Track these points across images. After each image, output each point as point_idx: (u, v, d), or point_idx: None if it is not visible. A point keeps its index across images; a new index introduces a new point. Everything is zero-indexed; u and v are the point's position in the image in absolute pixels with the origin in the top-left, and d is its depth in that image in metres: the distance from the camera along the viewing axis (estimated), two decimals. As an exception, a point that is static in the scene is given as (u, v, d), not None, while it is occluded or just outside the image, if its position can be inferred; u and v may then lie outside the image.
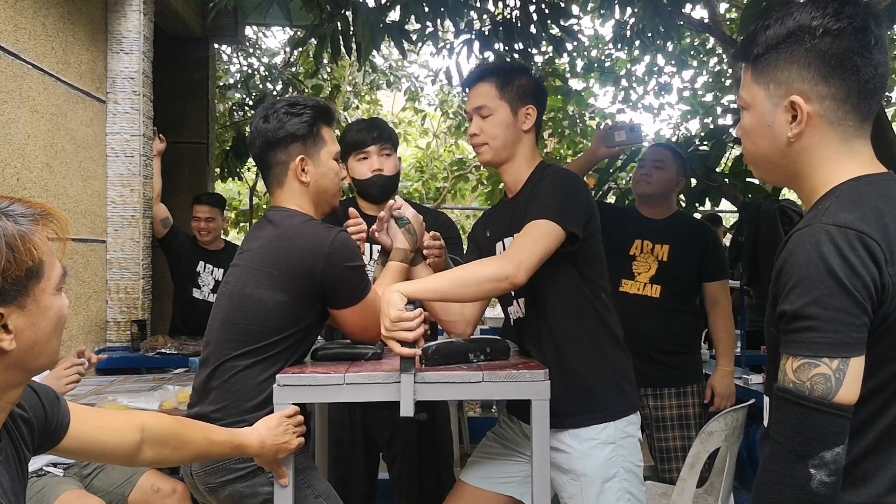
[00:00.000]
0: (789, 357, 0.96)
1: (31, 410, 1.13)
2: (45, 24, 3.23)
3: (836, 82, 1.03)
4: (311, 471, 1.76)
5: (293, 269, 1.65)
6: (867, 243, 0.93)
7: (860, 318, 0.93)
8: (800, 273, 0.95)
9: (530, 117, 1.82)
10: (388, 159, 2.29)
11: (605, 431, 1.72)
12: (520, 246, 1.64)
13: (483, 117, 1.82)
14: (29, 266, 0.97)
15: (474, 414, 5.43)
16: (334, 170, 1.82)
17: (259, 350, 1.66)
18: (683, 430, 2.69)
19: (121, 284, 3.77)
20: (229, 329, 1.70)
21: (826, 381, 0.92)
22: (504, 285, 1.61)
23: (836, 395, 0.92)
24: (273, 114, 1.76)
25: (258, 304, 1.66)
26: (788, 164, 1.09)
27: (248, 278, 1.70)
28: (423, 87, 9.21)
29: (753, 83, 1.10)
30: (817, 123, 1.04)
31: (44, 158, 3.18)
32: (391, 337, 1.51)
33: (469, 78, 1.91)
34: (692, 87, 7.34)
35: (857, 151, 1.05)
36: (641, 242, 2.74)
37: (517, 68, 1.91)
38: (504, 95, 1.81)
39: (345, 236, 1.71)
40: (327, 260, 1.65)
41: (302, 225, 1.71)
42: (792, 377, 0.95)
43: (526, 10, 3.80)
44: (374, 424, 2.33)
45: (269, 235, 1.73)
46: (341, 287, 1.69)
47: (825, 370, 0.92)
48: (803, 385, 0.94)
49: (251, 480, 1.66)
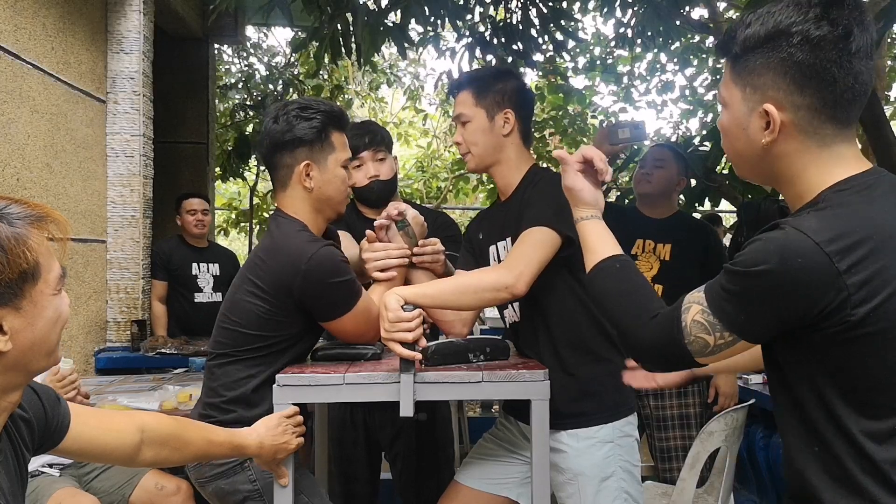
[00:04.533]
0: (701, 306, 1.04)
1: (31, 411, 1.13)
2: (45, 24, 3.23)
3: (811, 93, 0.99)
4: (299, 469, 1.77)
5: (274, 284, 1.66)
6: (816, 254, 0.92)
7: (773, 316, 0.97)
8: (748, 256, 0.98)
9: (508, 122, 1.81)
10: (383, 163, 2.28)
11: (602, 431, 1.72)
12: (519, 255, 1.64)
13: (464, 125, 1.83)
14: (23, 268, 0.96)
15: (474, 414, 5.42)
16: (341, 177, 1.80)
17: (238, 353, 1.70)
18: (684, 429, 2.69)
19: (121, 284, 3.77)
20: (220, 331, 1.75)
21: (703, 347, 1.05)
22: (503, 295, 1.61)
23: (700, 356, 1.06)
24: (283, 115, 1.74)
25: (242, 311, 1.69)
26: (766, 167, 1.07)
27: (240, 284, 1.73)
28: (423, 87, 9.22)
29: (732, 82, 1.07)
30: (791, 132, 1.02)
31: (44, 158, 3.18)
32: (390, 339, 1.52)
33: (451, 87, 1.93)
34: (691, 85, 7.33)
35: (838, 154, 1.02)
36: (643, 242, 2.74)
37: (498, 73, 1.89)
38: (480, 102, 1.81)
39: (326, 252, 1.67)
40: (305, 277, 1.64)
41: (289, 237, 1.71)
42: (689, 322, 1.05)
43: (527, 13, 3.81)
44: (377, 425, 2.34)
45: (264, 244, 1.77)
46: (323, 303, 1.68)
47: (711, 340, 1.03)
48: (690, 335, 1.05)
49: (231, 478, 1.68)
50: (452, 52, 4.15)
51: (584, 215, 1.37)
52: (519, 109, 1.83)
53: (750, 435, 2.84)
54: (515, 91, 1.84)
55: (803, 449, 1.02)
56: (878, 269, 0.92)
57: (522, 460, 1.86)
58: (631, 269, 1.24)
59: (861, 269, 0.92)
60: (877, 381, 0.96)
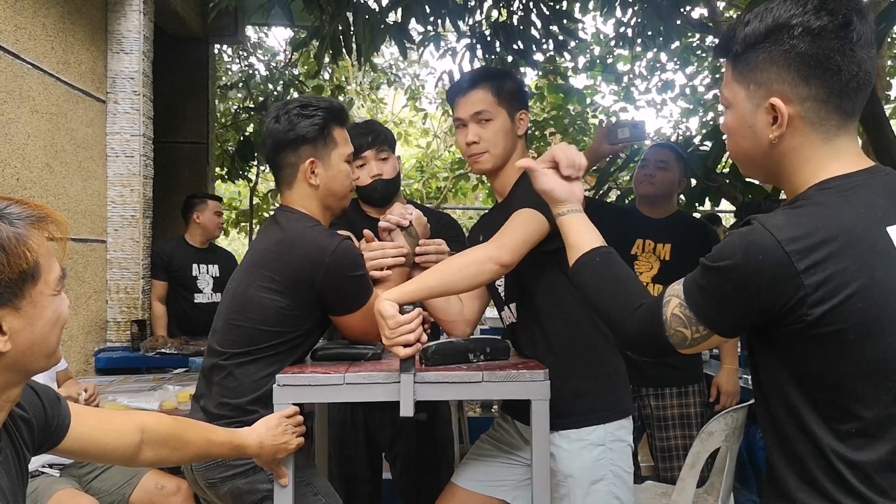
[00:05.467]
0: (679, 299, 1.07)
1: (31, 411, 1.13)
2: (45, 24, 3.23)
3: (817, 83, 0.99)
4: (310, 468, 1.76)
5: (294, 277, 1.66)
6: (776, 252, 0.93)
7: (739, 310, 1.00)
8: (717, 251, 1.01)
9: (523, 122, 1.81)
10: (386, 163, 2.28)
11: (595, 433, 1.70)
12: (501, 231, 1.63)
13: (482, 124, 1.78)
14: (23, 268, 0.96)
15: (474, 414, 5.42)
16: (345, 172, 1.80)
17: (257, 350, 1.68)
18: (685, 429, 2.69)
19: (121, 284, 3.77)
20: (231, 329, 1.71)
21: (683, 340, 1.08)
22: (490, 266, 1.58)
23: (680, 348, 1.09)
24: (284, 115, 1.75)
25: (259, 308, 1.67)
26: (771, 164, 1.07)
27: (251, 280, 1.70)
28: (423, 86, 9.22)
29: (734, 82, 1.07)
30: (798, 125, 1.02)
31: (44, 158, 3.18)
32: (394, 344, 1.50)
33: (459, 86, 1.86)
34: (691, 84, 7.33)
35: (839, 149, 1.02)
36: (643, 242, 2.75)
37: (504, 73, 1.89)
38: (501, 101, 1.79)
39: (346, 245, 1.69)
40: (328, 270, 1.64)
41: (305, 231, 1.70)
42: (669, 315, 1.08)
43: (528, 14, 3.81)
44: (377, 425, 2.34)
45: (273, 238, 1.73)
46: (341, 296, 1.69)
47: (689, 333, 1.06)
48: (670, 328, 1.08)
49: (250, 477, 1.67)
50: (453, 52, 4.16)
51: (560, 211, 1.40)
52: (528, 111, 1.85)
53: (750, 435, 2.85)
54: (521, 90, 1.84)
55: (774, 446, 1.04)
56: (838, 271, 0.92)
57: (519, 462, 1.86)
58: (612, 261, 1.26)
59: (820, 269, 0.92)
60: (835, 383, 0.96)
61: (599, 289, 1.23)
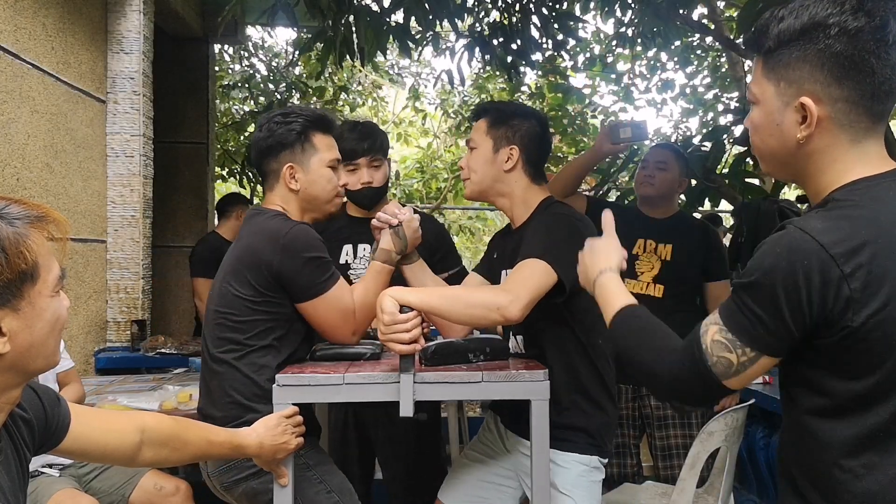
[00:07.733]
0: (718, 325, 1.02)
1: (31, 411, 1.13)
2: (45, 24, 3.23)
3: (850, 84, 0.98)
4: (325, 465, 1.77)
5: (253, 263, 1.69)
6: (821, 257, 0.92)
7: (788, 320, 0.95)
8: (755, 262, 0.98)
9: (511, 158, 1.82)
10: (378, 171, 2.34)
11: (572, 456, 1.76)
12: (514, 281, 1.65)
13: (471, 151, 1.86)
14: (22, 269, 0.96)
15: (474, 414, 5.42)
16: (326, 177, 1.83)
17: (244, 344, 1.70)
18: (685, 428, 2.69)
19: (121, 284, 3.77)
20: (217, 326, 1.74)
21: (728, 367, 1.01)
22: (494, 316, 1.59)
23: (725, 378, 1.02)
24: (266, 124, 1.82)
25: (232, 299, 1.71)
26: (796, 164, 1.05)
27: (225, 274, 1.75)
28: (424, 86, 9.21)
29: (764, 78, 1.05)
30: (827, 126, 1.00)
31: (44, 158, 3.18)
32: (388, 340, 1.52)
33: (473, 112, 1.96)
34: (691, 83, 7.32)
35: (866, 152, 1.01)
36: (644, 242, 2.74)
37: (521, 111, 1.89)
38: (491, 132, 1.84)
39: (303, 227, 1.73)
40: (284, 250, 1.67)
41: (267, 220, 1.75)
42: (709, 343, 1.02)
43: (527, 15, 3.81)
44: (368, 423, 2.35)
45: (242, 232, 1.80)
46: (299, 278, 1.70)
47: (734, 358, 1.00)
48: (712, 356, 1.02)
49: (263, 477, 1.68)
50: (452, 52, 4.15)
51: (602, 269, 1.37)
52: (526, 150, 1.84)
53: (750, 435, 2.84)
54: (528, 132, 1.84)
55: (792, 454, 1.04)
56: (878, 274, 0.92)
57: (504, 475, 1.90)
58: (645, 315, 1.22)
59: (864, 272, 0.91)
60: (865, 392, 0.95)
61: (635, 340, 1.17)
